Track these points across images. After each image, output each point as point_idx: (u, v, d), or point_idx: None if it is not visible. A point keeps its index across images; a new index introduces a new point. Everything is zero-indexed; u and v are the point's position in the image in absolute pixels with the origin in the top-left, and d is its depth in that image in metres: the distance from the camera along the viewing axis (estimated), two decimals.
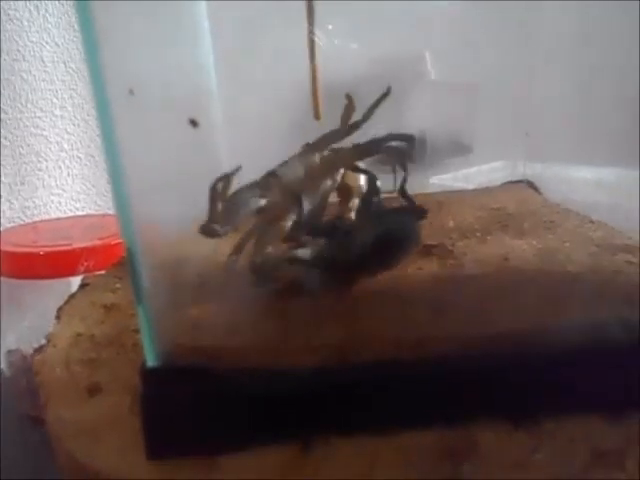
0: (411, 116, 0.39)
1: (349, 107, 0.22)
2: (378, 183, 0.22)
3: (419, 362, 0.17)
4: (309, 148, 0.22)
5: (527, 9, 0.35)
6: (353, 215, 0.23)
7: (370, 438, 0.16)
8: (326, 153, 0.22)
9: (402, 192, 0.22)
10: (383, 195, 0.22)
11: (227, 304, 0.20)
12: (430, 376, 0.17)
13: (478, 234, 0.26)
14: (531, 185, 0.35)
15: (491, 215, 0.29)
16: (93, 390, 0.19)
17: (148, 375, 0.16)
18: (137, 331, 0.22)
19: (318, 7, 0.35)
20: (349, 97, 0.22)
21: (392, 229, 0.20)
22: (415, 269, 0.22)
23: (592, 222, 0.27)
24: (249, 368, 0.16)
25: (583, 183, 0.34)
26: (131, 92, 0.15)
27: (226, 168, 0.32)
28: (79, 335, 0.23)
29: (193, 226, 0.21)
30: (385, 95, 0.22)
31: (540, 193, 0.34)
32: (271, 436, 0.16)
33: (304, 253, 0.20)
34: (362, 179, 0.23)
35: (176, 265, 0.21)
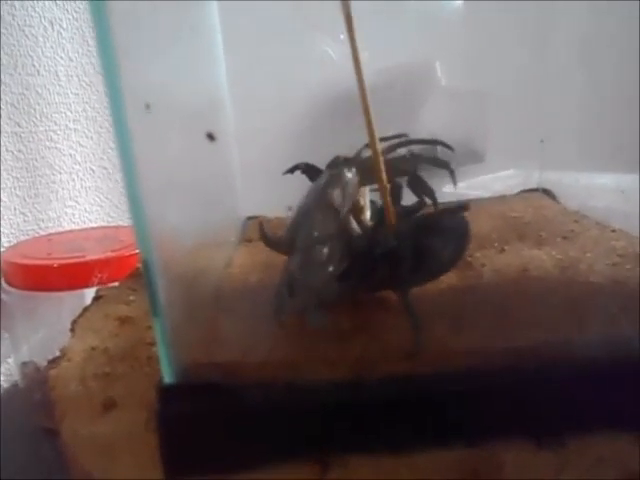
0: (422, 124, 0.39)
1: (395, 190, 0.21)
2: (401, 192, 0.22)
3: (439, 378, 0.17)
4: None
5: (541, 15, 0.35)
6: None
7: (389, 457, 0.16)
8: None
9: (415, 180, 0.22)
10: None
11: (244, 320, 0.20)
12: (450, 392, 0.16)
13: (496, 244, 0.25)
14: (547, 193, 0.34)
15: (508, 224, 0.28)
16: (108, 405, 0.19)
17: (165, 392, 0.16)
18: (151, 344, 0.22)
19: (327, 14, 0.35)
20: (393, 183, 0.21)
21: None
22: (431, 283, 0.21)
23: (614, 231, 0.26)
24: (266, 385, 0.16)
25: (601, 190, 0.33)
26: (147, 106, 0.15)
27: (239, 178, 0.32)
28: (93, 349, 0.23)
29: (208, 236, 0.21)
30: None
31: (557, 201, 0.33)
32: (289, 454, 0.16)
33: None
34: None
35: (191, 278, 0.21)
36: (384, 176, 0.21)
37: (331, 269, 0.19)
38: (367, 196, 0.23)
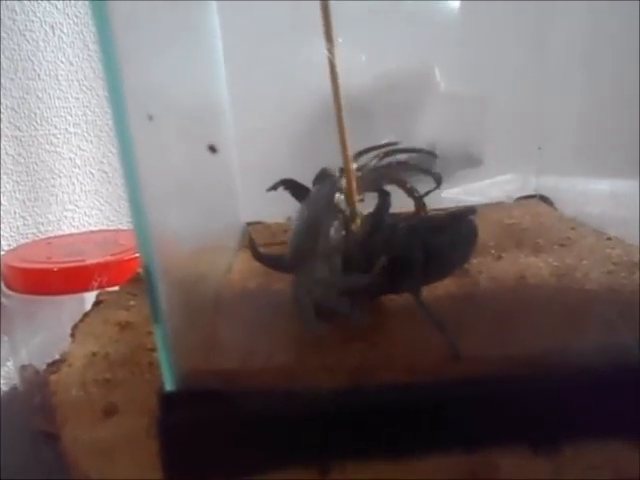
0: (421, 129, 0.39)
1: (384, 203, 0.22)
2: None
3: (436, 385, 0.17)
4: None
5: (539, 20, 0.35)
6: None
7: (388, 463, 0.16)
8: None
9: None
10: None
11: (244, 327, 0.20)
12: (447, 399, 0.17)
13: (493, 251, 0.25)
14: (545, 199, 0.35)
15: (505, 231, 0.29)
16: (109, 411, 0.19)
17: (166, 399, 0.16)
18: (152, 350, 0.22)
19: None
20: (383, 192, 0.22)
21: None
22: (429, 288, 0.21)
23: (609, 239, 0.26)
24: (266, 391, 0.16)
25: (598, 196, 0.33)
26: (150, 117, 0.16)
27: (239, 183, 0.33)
28: (94, 354, 0.23)
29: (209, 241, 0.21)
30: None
31: (555, 208, 0.33)
32: (288, 460, 0.16)
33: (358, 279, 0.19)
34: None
35: (192, 284, 0.21)
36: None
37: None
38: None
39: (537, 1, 0.35)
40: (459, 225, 0.21)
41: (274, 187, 0.24)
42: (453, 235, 0.20)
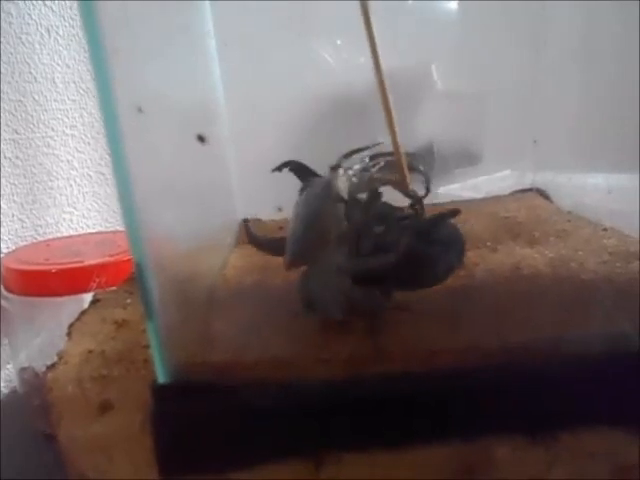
0: (419, 127, 0.39)
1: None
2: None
3: (432, 375, 0.17)
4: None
5: (533, 16, 0.35)
6: None
7: (384, 454, 0.16)
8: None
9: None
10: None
11: (238, 320, 0.20)
12: (444, 390, 0.17)
13: (489, 243, 0.25)
14: (541, 193, 0.35)
15: (501, 224, 0.29)
16: (104, 407, 0.19)
17: (159, 392, 0.16)
18: (147, 347, 0.22)
19: (324, 18, 0.35)
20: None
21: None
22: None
23: (605, 229, 0.26)
24: (260, 383, 0.16)
25: (595, 190, 0.33)
26: (140, 110, 0.16)
27: (234, 181, 0.33)
28: (90, 352, 0.23)
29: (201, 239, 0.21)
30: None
31: (551, 201, 0.33)
32: (283, 452, 0.16)
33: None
34: None
35: (186, 280, 0.21)
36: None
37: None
38: None
39: None
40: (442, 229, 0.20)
41: (279, 168, 0.23)
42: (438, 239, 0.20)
